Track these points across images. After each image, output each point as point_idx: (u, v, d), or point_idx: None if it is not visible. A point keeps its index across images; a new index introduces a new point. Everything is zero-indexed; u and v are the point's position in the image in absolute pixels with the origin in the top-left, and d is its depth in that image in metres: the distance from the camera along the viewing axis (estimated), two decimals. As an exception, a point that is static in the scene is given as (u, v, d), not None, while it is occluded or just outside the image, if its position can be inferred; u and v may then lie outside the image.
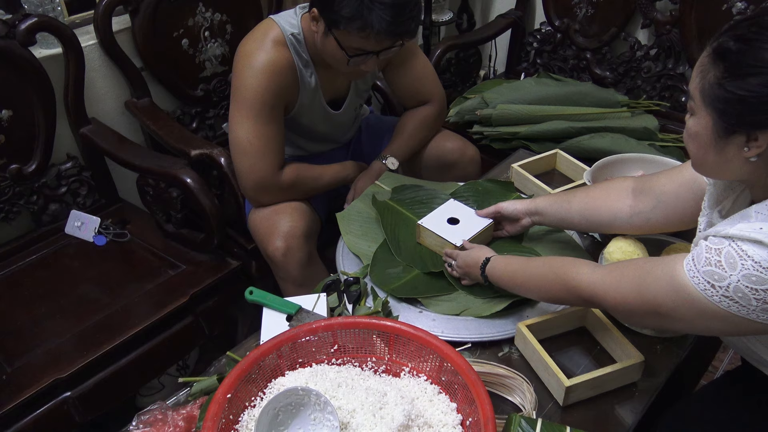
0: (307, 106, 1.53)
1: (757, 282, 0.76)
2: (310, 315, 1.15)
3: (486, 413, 0.87)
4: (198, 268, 1.64)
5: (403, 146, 1.67)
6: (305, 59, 1.46)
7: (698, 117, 0.82)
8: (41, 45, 1.67)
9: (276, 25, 1.43)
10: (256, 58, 1.41)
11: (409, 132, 1.68)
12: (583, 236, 1.40)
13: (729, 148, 0.81)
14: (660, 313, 0.87)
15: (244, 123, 1.43)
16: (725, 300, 0.79)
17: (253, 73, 1.40)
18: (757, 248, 0.76)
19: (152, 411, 1.00)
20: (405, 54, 1.59)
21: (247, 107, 1.42)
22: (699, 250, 0.83)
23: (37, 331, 1.45)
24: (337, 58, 1.37)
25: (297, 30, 1.44)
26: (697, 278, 0.82)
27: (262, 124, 1.42)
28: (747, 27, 0.77)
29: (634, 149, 1.84)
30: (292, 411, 0.93)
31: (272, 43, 1.41)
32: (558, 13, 2.37)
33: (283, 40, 1.43)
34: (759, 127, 0.77)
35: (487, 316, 1.18)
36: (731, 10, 1.97)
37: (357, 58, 1.34)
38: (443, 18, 2.66)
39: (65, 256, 1.69)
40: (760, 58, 0.74)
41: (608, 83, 2.30)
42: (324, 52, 1.39)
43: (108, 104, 1.86)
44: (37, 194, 1.71)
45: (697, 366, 1.60)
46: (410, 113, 1.70)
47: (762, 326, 0.80)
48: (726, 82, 0.77)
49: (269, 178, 1.47)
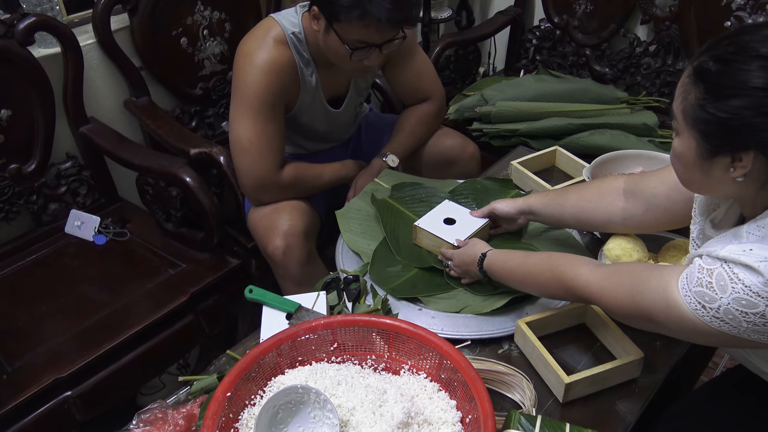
0: (308, 105, 1.53)
1: (747, 306, 0.76)
2: (309, 313, 1.15)
3: (485, 410, 0.87)
4: (198, 267, 1.64)
5: (403, 143, 1.67)
6: (306, 58, 1.46)
7: (682, 138, 0.81)
8: (40, 44, 1.67)
9: (277, 24, 1.43)
10: (257, 56, 1.40)
11: (409, 129, 1.68)
12: (583, 233, 1.40)
13: (715, 169, 0.80)
14: (654, 321, 0.88)
15: (244, 121, 1.43)
16: (716, 321, 0.79)
17: (253, 71, 1.40)
18: (748, 273, 0.76)
19: (152, 410, 1.00)
20: (405, 51, 1.59)
21: (248, 106, 1.42)
22: (692, 269, 0.82)
23: (38, 330, 1.45)
24: (339, 55, 1.36)
25: (298, 29, 1.44)
26: (689, 297, 0.81)
27: (262, 122, 1.42)
28: (726, 46, 0.76)
29: (634, 146, 1.84)
30: (291, 409, 0.93)
31: (273, 41, 1.41)
32: (557, 9, 2.37)
33: (284, 39, 1.42)
34: (742, 148, 0.75)
35: (486, 314, 1.18)
36: (731, 6, 1.97)
37: (359, 52, 1.34)
38: (442, 15, 2.66)
39: (65, 256, 1.69)
40: (738, 80, 0.73)
41: (607, 80, 2.30)
42: (327, 50, 1.39)
43: (107, 103, 1.86)
44: (36, 194, 1.71)
45: (697, 363, 1.60)
46: (410, 110, 1.70)
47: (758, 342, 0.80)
48: (707, 104, 0.76)
49: (269, 177, 1.47)
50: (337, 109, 1.60)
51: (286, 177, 1.50)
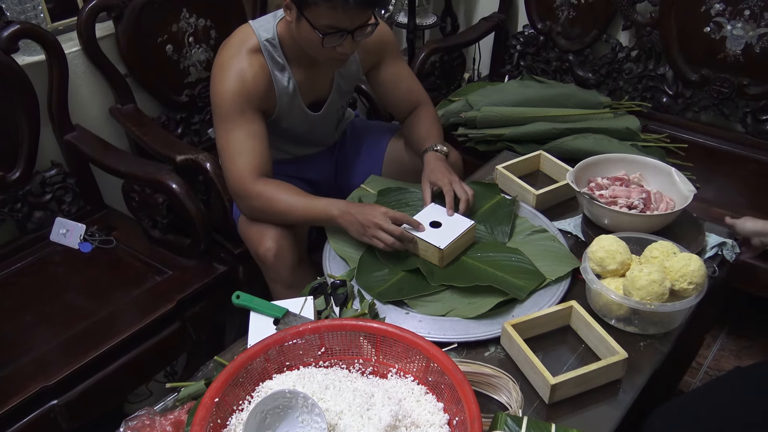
0: (286, 110, 1.53)
1: None
2: (297, 318, 1.16)
3: (472, 412, 0.88)
4: (185, 274, 1.64)
5: (436, 134, 1.63)
6: (281, 63, 1.47)
7: None
8: (24, 52, 1.67)
9: (251, 32, 1.45)
10: (227, 66, 1.42)
11: (429, 124, 1.65)
12: (567, 236, 1.42)
13: None
14: None
15: (219, 129, 1.45)
16: None
17: (222, 80, 1.42)
18: None
19: (140, 417, 1.00)
20: (390, 58, 1.61)
21: (218, 114, 1.44)
22: None
23: (23, 338, 1.44)
24: (312, 43, 1.36)
25: (271, 34, 1.45)
26: None
27: (231, 128, 1.43)
28: None
29: (617, 149, 1.86)
30: (279, 414, 0.93)
31: (246, 50, 1.43)
32: (540, 15, 2.40)
33: (258, 47, 1.44)
34: None
35: (472, 317, 1.19)
36: (710, 12, 2.00)
37: (331, 38, 1.33)
38: (427, 21, 2.68)
39: (51, 264, 1.68)
40: None
41: (591, 85, 2.33)
42: (300, 40, 1.39)
43: (92, 111, 1.86)
44: (21, 202, 1.70)
45: (681, 363, 1.62)
46: (417, 115, 1.67)
47: None
48: None
49: (239, 182, 1.43)
50: (317, 113, 1.60)
51: (258, 186, 1.42)
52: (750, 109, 2.06)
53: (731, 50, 2.01)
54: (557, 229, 1.43)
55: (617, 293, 1.15)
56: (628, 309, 1.15)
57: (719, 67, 2.05)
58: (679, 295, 1.16)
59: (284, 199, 1.42)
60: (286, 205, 1.41)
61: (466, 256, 1.33)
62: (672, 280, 1.15)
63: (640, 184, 1.46)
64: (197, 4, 1.92)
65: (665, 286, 1.12)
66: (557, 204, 1.53)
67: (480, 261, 1.32)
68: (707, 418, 1.09)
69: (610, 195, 1.42)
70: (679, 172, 1.42)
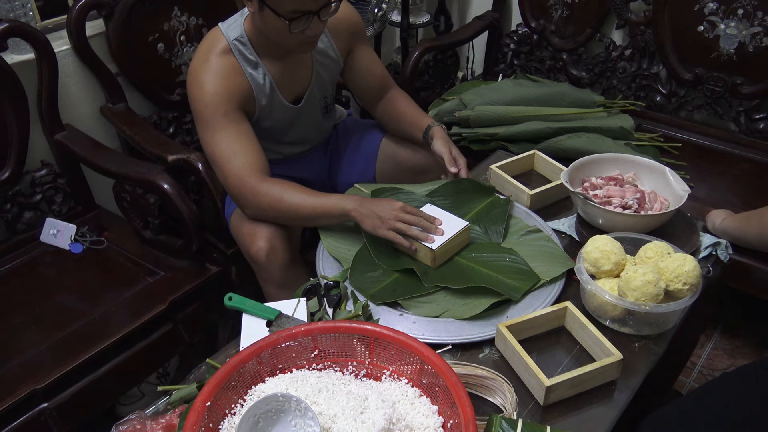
0: (267, 108, 1.52)
1: None
2: (290, 320, 1.15)
3: (467, 415, 0.87)
4: (177, 275, 1.62)
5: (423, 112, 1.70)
6: (253, 61, 1.46)
7: None
8: (13, 50, 1.65)
9: (219, 34, 1.44)
10: (200, 71, 1.42)
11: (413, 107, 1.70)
12: (561, 236, 1.41)
13: None
14: None
15: (205, 135, 1.43)
16: None
17: (197, 86, 1.41)
18: None
19: (131, 421, 0.99)
20: (362, 42, 1.63)
21: (202, 120, 1.42)
22: None
23: (13, 341, 1.43)
24: (280, 30, 1.34)
25: (239, 32, 1.44)
26: None
27: (218, 131, 1.42)
28: None
29: (611, 149, 1.86)
30: (272, 417, 0.92)
31: (215, 54, 1.42)
32: (534, 14, 2.39)
33: (227, 48, 1.43)
34: None
35: (467, 318, 1.18)
36: (703, 11, 2.00)
37: (297, 23, 1.32)
38: (420, 20, 2.67)
39: (41, 265, 1.66)
40: None
41: (584, 84, 2.33)
42: (267, 31, 1.38)
43: (83, 110, 1.84)
44: (11, 202, 1.68)
45: (675, 364, 1.62)
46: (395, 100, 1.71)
47: None
48: None
49: (242, 182, 1.42)
50: (297, 105, 1.58)
51: (263, 185, 1.41)
52: (743, 108, 2.07)
53: (725, 49, 2.01)
54: (551, 229, 1.42)
55: (612, 294, 1.14)
56: (622, 310, 1.15)
57: (713, 66, 2.06)
58: (674, 296, 1.16)
59: (292, 196, 1.39)
60: (295, 203, 1.39)
61: (459, 257, 1.33)
62: (667, 281, 1.15)
63: (635, 183, 1.46)
64: (189, 2, 1.90)
65: (660, 287, 1.12)
66: (551, 204, 1.52)
67: (474, 261, 1.31)
68: (697, 424, 1.08)
69: (605, 195, 1.41)
70: (673, 172, 1.42)
